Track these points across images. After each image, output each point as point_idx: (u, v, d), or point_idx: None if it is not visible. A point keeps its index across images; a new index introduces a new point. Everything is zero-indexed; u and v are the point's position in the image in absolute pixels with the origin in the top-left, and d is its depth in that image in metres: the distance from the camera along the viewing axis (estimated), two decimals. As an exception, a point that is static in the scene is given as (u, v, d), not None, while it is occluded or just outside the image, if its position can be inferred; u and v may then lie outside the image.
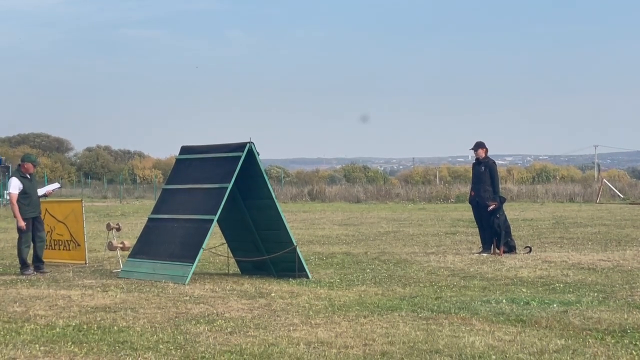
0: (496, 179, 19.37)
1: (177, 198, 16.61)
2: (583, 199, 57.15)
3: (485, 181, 19.27)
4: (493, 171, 19.30)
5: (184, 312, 12.04)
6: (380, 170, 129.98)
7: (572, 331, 10.48)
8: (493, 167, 19.34)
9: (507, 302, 12.61)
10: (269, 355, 9.29)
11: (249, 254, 16.78)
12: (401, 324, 11.01)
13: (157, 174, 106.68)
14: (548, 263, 17.82)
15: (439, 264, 17.97)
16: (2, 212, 43.75)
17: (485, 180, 19.28)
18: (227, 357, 9.25)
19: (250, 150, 15.73)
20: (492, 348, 9.52)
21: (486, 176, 19.27)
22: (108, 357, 9.32)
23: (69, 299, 13.41)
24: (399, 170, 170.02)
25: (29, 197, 17.14)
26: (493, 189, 19.23)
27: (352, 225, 32.61)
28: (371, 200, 60.83)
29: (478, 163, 19.63)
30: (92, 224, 30.52)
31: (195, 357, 9.27)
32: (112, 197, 74.80)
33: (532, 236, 25.29)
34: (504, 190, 59.43)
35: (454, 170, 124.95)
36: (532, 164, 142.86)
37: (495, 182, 19.31)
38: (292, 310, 12.19)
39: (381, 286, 14.72)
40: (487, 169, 19.28)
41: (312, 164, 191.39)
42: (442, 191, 62.13)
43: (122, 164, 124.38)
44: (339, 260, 19.12)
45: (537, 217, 36.15)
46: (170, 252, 15.71)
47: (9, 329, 10.88)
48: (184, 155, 17.10)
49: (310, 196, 64.19)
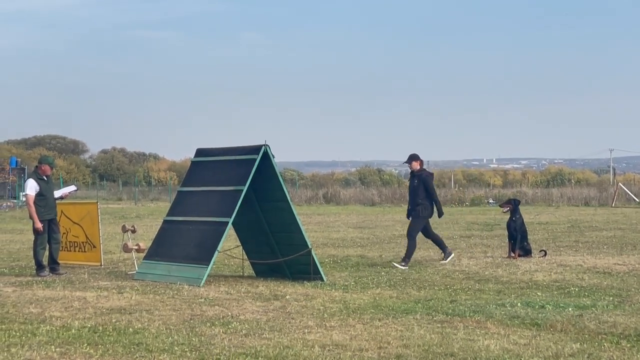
0: (430, 190, 18.54)
1: (193, 200, 16.63)
2: (598, 202, 57.04)
3: (419, 194, 18.51)
4: (427, 183, 18.50)
5: (199, 314, 12.05)
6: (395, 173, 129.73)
7: (588, 335, 10.46)
8: (427, 179, 18.57)
9: (522, 306, 12.58)
10: (283, 357, 9.30)
11: (264, 257, 16.79)
12: (416, 327, 11.01)
13: (172, 176, 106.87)
14: (563, 267, 17.79)
15: (453, 267, 17.95)
16: (19, 214, 43.91)
17: (419, 194, 18.52)
18: (242, 359, 9.25)
19: (265, 153, 15.75)
20: (507, 352, 9.51)
21: (420, 189, 18.51)
22: (123, 358, 9.34)
23: (85, 300, 13.45)
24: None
25: (45, 199, 17.20)
26: (429, 200, 18.54)
27: (367, 228, 32.61)
28: (386, 203, 60.79)
29: (412, 176, 18.91)
30: (107, 226, 30.61)
31: (210, 359, 9.28)
32: (127, 199, 74.92)
33: (547, 240, 25.24)
34: (519, 194, 59.39)
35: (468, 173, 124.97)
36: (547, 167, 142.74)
37: (430, 193, 18.52)
38: (307, 312, 12.20)
39: (396, 289, 14.72)
40: (421, 182, 18.54)
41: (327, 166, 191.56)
42: (456, 194, 62.10)
43: (137, 166, 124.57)
44: (353, 263, 19.12)
45: (552, 221, 36.08)
46: (185, 254, 15.73)
47: (25, 330, 10.91)
48: (199, 158, 17.12)
49: (325, 199, 64.21)
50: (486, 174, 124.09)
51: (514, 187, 76.68)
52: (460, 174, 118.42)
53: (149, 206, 60.32)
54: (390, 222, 36.31)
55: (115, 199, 75.69)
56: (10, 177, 64.91)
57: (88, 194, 79.73)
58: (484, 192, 66.18)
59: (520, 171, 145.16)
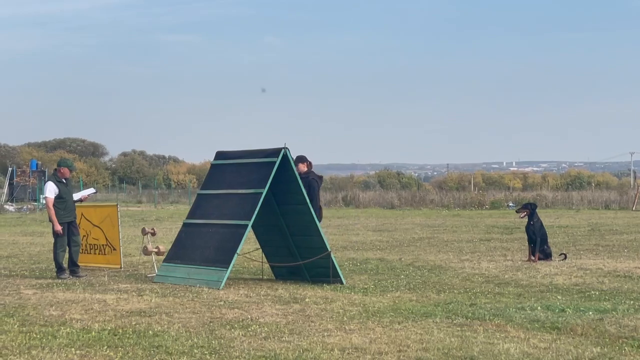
0: (313, 193, 16.97)
1: (212, 203, 16.65)
2: (619, 206, 56.81)
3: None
4: (312, 187, 17.15)
5: (219, 317, 12.07)
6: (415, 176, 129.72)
7: (608, 339, 10.42)
8: (312, 184, 17.10)
9: (542, 309, 12.55)
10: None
11: (283, 260, 16.80)
12: (435, 330, 10.99)
13: (191, 179, 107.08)
14: (583, 270, 17.73)
15: (473, 271, 17.92)
16: (38, 217, 44.08)
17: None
18: (262, 362, 9.26)
19: (285, 156, 15.76)
20: (527, 355, 9.48)
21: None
22: (143, 361, 9.37)
23: (105, 303, 13.49)
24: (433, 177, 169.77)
25: (64, 201, 17.27)
26: (310, 203, 16.83)
27: (386, 231, 32.58)
28: (405, 206, 60.74)
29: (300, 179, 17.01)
30: (127, 229, 30.68)
31: (230, 362, 9.29)
32: (146, 202, 75.06)
33: (567, 243, 25.16)
34: (539, 197, 59.22)
35: (488, 176, 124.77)
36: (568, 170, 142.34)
37: (312, 197, 16.90)
38: (326, 315, 12.19)
39: (415, 292, 14.70)
40: (306, 185, 16.99)
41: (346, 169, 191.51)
42: (476, 197, 61.94)
43: (156, 168, 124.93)
44: (373, 266, 19.11)
45: (572, 224, 35.97)
46: (205, 257, 15.75)
47: (45, 332, 10.95)
48: (219, 161, 17.15)
49: (344, 202, 64.18)
50: (506, 177, 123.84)
51: (533, 190, 76.54)
52: (479, 177, 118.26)
53: (168, 209, 60.43)
54: (409, 225, 36.27)
55: (135, 202, 75.85)
56: (30, 180, 65.12)
57: (108, 197, 80.00)
58: (503, 195, 65.99)
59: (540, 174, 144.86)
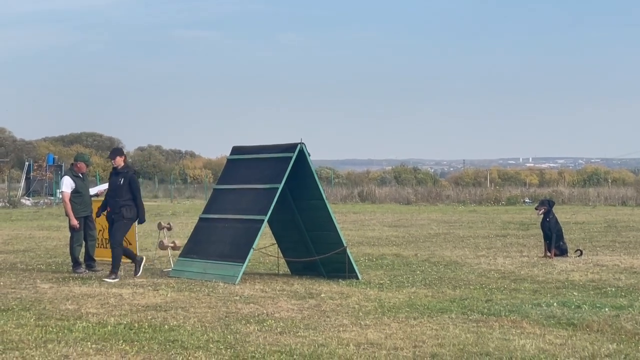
0: (135, 191, 16.56)
1: (228, 198, 16.67)
2: (636, 202, 56.55)
3: (123, 195, 16.37)
4: (133, 182, 16.55)
5: (234, 312, 12.08)
6: (431, 172, 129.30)
7: (624, 335, 10.39)
8: (133, 178, 16.63)
9: (558, 306, 12.52)
10: (318, 355, 9.30)
11: (299, 255, 16.81)
12: (451, 326, 10.98)
13: (207, 174, 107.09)
14: (600, 267, 17.69)
15: (489, 267, 17.89)
16: (55, 211, 44.21)
17: (123, 195, 16.36)
18: (277, 357, 9.27)
19: (301, 151, 15.76)
20: (543, 351, 9.46)
21: (124, 189, 16.39)
22: (159, 355, 9.39)
23: (121, 297, 13.53)
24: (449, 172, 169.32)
25: (81, 196, 17.31)
26: (134, 203, 16.50)
27: (402, 226, 32.55)
28: (421, 202, 60.64)
29: (116, 173, 16.64)
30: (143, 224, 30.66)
31: (245, 356, 9.31)
32: (163, 197, 75.18)
33: (583, 239, 25.09)
34: (555, 193, 59.03)
35: (504, 172, 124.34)
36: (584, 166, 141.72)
37: (136, 195, 16.52)
38: (341, 311, 12.20)
39: (431, 288, 14.69)
40: (127, 181, 16.43)
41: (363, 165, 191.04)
42: (492, 193, 61.75)
43: (173, 163, 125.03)
44: (389, 261, 19.10)
45: (588, 220, 35.86)
46: (220, 252, 15.77)
47: (62, 326, 10.99)
48: (235, 156, 17.17)
49: (360, 197, 64.09)
50: (522, 173, 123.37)
51: (550, 187, 76.22)
52: (495, 173, 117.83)
53: (184, 204, 60.53)
54: (425, 221, 36.23)
55: (151, 197, 75.87)
56: (47, 174, 65.29)
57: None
58: (520, 191, 65.81)
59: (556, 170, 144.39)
